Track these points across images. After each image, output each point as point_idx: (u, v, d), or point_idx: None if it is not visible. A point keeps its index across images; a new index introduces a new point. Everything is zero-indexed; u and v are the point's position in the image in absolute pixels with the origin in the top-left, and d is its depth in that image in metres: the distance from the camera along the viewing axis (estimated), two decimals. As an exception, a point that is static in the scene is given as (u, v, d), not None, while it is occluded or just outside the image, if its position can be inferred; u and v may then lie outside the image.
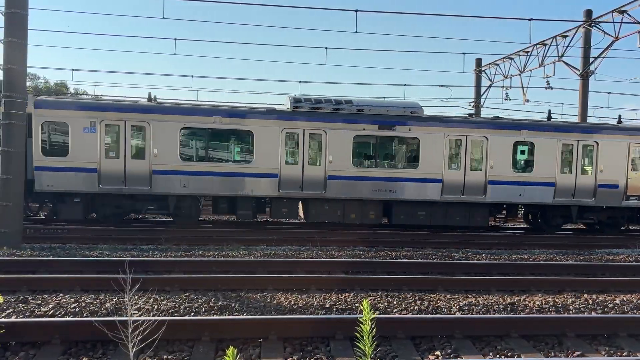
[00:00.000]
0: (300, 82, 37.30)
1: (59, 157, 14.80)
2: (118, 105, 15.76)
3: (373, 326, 2.49)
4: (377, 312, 6.75)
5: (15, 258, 9.55)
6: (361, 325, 2.49)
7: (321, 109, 16.02)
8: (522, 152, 17.09)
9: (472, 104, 30.63)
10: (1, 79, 11.89)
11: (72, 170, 14.82)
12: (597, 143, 16.91)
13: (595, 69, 22.33)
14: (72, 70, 51.70)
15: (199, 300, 6.98)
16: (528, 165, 16.98)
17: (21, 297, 7.00)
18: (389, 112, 16.30)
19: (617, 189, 16.99)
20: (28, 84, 17.70)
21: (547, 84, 24.32)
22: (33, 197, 15.18)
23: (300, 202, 16.64)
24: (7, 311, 6.38)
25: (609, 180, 16.99)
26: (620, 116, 18.87)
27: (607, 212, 17.56)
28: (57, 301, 6.85)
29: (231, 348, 2.44)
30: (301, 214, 17.08)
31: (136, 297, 6.88)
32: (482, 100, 30.48)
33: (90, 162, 14.85)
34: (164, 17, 30.10)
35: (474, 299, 7.60)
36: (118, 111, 15.15)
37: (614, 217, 17.67)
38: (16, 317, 6.15)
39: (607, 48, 21.66)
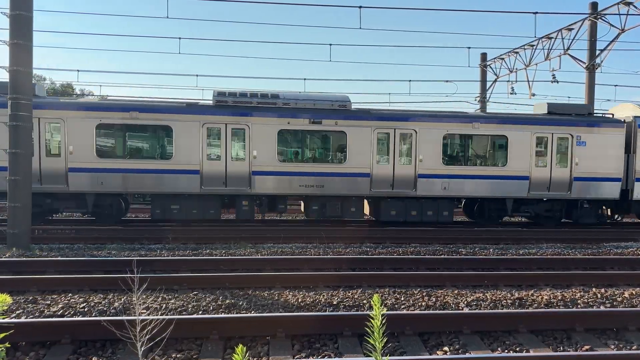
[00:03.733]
0: (305, 79, 37.38)
1: None
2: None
3: (383, 321, 2.49)
4: (385, 309, 6.74)
5: (25, 259, 9.62)
6: (371, 320, 2.49)
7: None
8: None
9: (478, 98, 30.52)
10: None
11: None
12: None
13: (602, 61, 22.20)
14: (78, 71, 52.11)
15: (207, 299, 7.00)
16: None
17: (30, 298, 7.05)
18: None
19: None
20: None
21: (553, 78, 24.18)
22: None
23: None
24: (17, 311, 6.42)
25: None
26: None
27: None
28: (66, 301, 6.89)
29: (240, 346, 2.44)
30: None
31: (144, 296, 6.91)
32: (487, 95, 30.37)
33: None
34: (167, 17, 30.28)
35: (481, 294, 7.59)
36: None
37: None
38: (26, 318, 6.19)
39: (613, 40, 21.53)
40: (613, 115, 18.31)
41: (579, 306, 7.21)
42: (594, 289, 8.07)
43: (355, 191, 16.12)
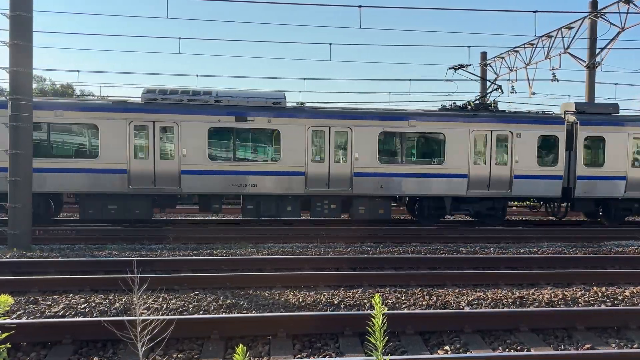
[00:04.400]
0: (305, 79, 37.37)
1: None
2: None
3: (384, 321, 2.49)
4: (386, 308, 6.74)
5: (25, 259, 9.62)
6: (372, 320, 2.49)
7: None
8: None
9: (478, 97, 30.48)
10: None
11: None
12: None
13: (602, 60, 22.21)
14: (78, 71, 52.14)
15: (208, 299, 7.00)
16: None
17: (32, 298, 7.05)
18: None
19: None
20: (34, 86, 17.85)
21: (553, 76, 24.16)
22: None
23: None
24: (18, 312, 6.42)
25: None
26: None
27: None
28: (67, 301, 6.90)
29: (240, 346, 2.43)
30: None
31: (145, 297, 6.92)
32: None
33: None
34: (167, 17, 30.30)
35: (482, 293, 7.58)
36: None
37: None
38: (27, 318, 6.20)
39: (613, 39, 21.53)
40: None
41: (579, 305, 7.21)
42: (594, 288, 8.07)
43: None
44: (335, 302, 6.98)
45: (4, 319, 5.13)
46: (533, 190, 16.78)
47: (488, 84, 21.99)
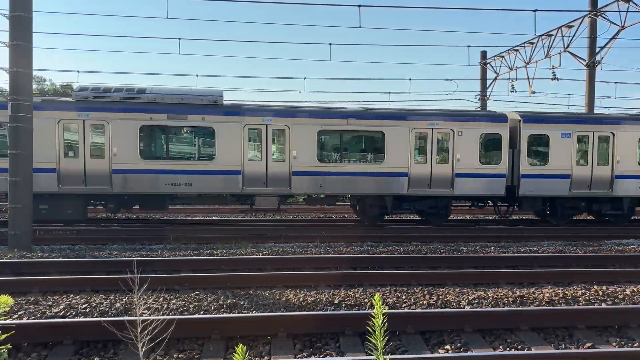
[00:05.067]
0: (304, 78, 37.32)
1: None
2: None
3: (385, 320, 2.49)
4: (386, 307, 6.73)
5: (26, 260, 9.62)
6: (373, 319, 2.49)
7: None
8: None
9: (478, 96, 30.52)
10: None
11: None
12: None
13: (602, 58, 22.19)
14: (78, 72, 52.08)
15: (208, 299, 7.00)
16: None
17: (32, 299, 7.05)
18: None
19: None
20: (34, 86, 17.85)
21: (553, 75, 24.17)
22: None
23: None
24: (19, 312, 6.42)
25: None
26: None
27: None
28: (67, 302, 6.89)
29: (240, 346, 2.43)
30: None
31: (145, 297, 6.91)
32: (487, 93, 30.37)
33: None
34: (167, 17, 30.30)
35: (483, 292, 7.58)
36: None
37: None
38: (28, 319, 6.20)
39: (613, 37, 21.53)
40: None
41: (580, 304, 7.21)
42: (595, 287, 8.06)
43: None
44: (336, 302, 6.98)
45: (5, 320, 5.14)
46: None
47: None
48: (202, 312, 6.52)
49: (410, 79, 35.88)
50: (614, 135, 16.89)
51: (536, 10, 20.88)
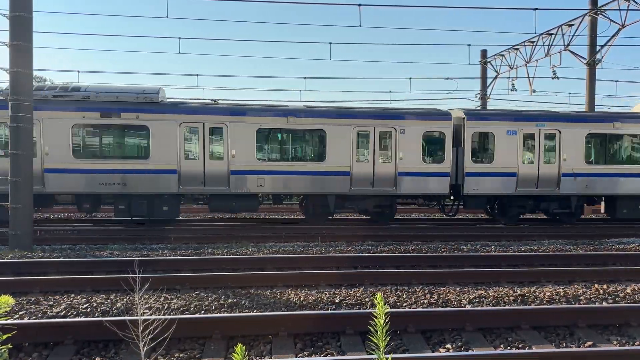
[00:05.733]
0: (305, 77, 37.32)
1: None
2: None
3: (387, 319, 2.49)
4: (387, 306, 6.73)
5: (27, 260, 9.63)
6: (375, 319, 2.49)
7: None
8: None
9: (479, 95, 30.52)
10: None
11: None
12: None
13: (602, 57, 22.17)
14: (78, 72, 52.07)
15: (209, 298, 7.00)
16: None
17: (33, 299, 7.06)
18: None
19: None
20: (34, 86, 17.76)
21: (554, 74, 24.16)
22: None
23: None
24: (20, 312, 6.43)
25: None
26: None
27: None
28: (68, 302, 6.90)
29: (239, 345, 2.43)
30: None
31: (146, 296, 6.91)
32: (488, 92, 30.37)
33: None
34: (167, 17, 30.29)
35: (483, 291, 7.58)
36: None
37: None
38: (29, 319, 6.20)
39: (613, 36, 21.52)
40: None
41: (581, 302, 7.21)
42: (596, 285, 8.06)
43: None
44: (337, 301, 6.98)
45: (5, 320, 5.14)
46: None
47: None
48: (203, 312, 6.53)
49: (410, 78, 35.78)
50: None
51: (536, 8, 20.83)
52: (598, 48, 22.03)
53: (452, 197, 17.48)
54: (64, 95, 15.03)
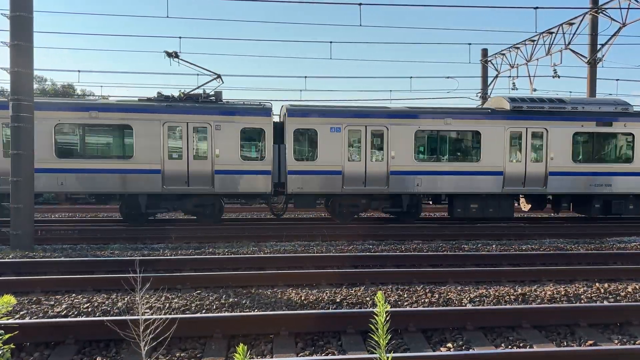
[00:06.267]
0: (305, 77, 37.27)
1: None
2: None
3: (388, 318, 2.49)
4: (388, 306, 6.73)
5: (28, 260, 9.63)
6: (375, 317, 2.50)
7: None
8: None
9: (479, 94, 30.50)
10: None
11: None
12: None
13: (603, 56, 22.18)
14: (79, 71, 52.20)
15: (210, 298, 7.01)
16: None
17: (34, 298, 7.07)
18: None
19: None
20: (35, 86, 17.79)
21: (555, 73, 24.17)
22: None
23: None
24: (21, 312, 6.44)
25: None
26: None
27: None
28: (69, 301, 6.91)
29: (241, 345, 2.43)
30: None
31: (147, 296, 6.92)
32: (488, 91, 30.35)
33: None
34: (167, 16, 30.30)
35: (484, 290, 7.58)
36: None
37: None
38: (30, 318, 6.21)
39: (614, 34, 21.50)
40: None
41: (582, 301, 7.21)
42: (597, 284, 8.06)
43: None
44: (338, 300, 6.98)
45: (7, 320, 5.14)
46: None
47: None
48: (204, 311, 6.53)
49: (411, 77, 35.81)
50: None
51: (537, 7, 20.84)
52: (599, 47, 22.02)
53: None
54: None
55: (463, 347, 5.54)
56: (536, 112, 16.86)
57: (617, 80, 35.42)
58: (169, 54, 16.62)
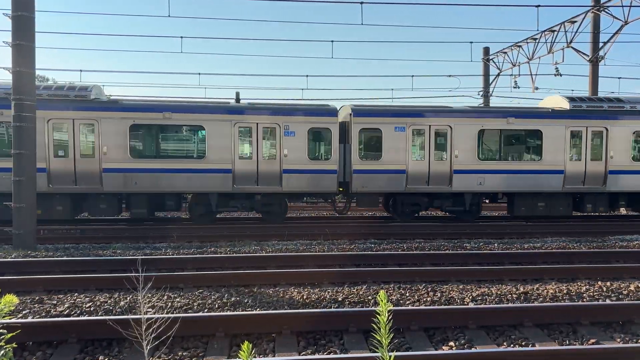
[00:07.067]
0: (307, 76, 37.24)
1: None
2: None
3: (390, 317, 2.49)
4: (390, 304, 6.73)
5: (30, 259, 9.65)
6: (378, 316, 2.50)
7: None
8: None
9: (481, 93, 30.47)
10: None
11: None
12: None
13: (605, 54, 22.13)
14: (80, 71, 52.26)
15: (212, 297, 7.02)
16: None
17: (37, 298, 7.08)
18: None
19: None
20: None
21: (557, 71, 24.13)
22: None
23: None
24: (24, 312, 6.45)
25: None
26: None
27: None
28: (72, 301, 6.92)
29: (246, 343, 2.44)
30: None
31: (150, 295, 6.93)
32: (490, 89, 30.32)
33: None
34: (169, 16, 30.30)
35: (486, 289, 7.58)
36: None
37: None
38: (32, 318, 6.22)
39: (616, 32, 21.46)
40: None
41: (584, 300, 7.20)
42: (599, 282, 8.05)
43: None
44: (340, 299, 6.99)
45: (10, 319, 5.15)
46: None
47: None
48: (206, 310, 6.54)
49: (412, 76, 35.68)
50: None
51: (539, 5, 20.80)
52: (601, 45, 21.98)
53: None
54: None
55: (465, 346, 5.53)
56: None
57: (619, 78, 35.40)
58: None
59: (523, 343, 5.63)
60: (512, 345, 5.60)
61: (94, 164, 15.15)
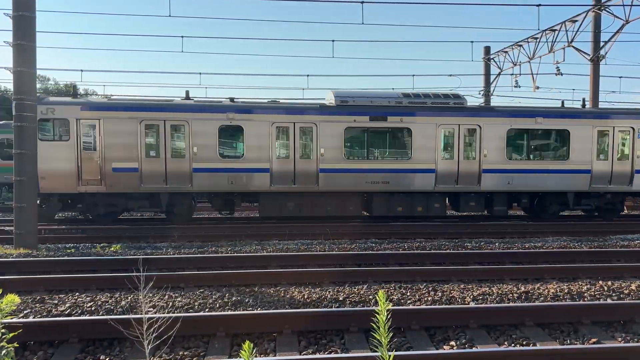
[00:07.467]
0: (308, 75, 37.21)
1: None
2: None
3: (389, 317, 2.50)
4: (391, 304, 6.74)
5: (31, 259, 9.66)
6: (377, 316, 2.50)
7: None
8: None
9: (482, 92, 30.44)
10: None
11: None
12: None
13: (606, 53, 22.11)
14: (81, 71, 52.32)
15: (213, 296, 7.02)
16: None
17: (38, 297, 7.09)
18: None
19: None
20: (38, 86, 17.80)
21: (557, 70, 24.10)
22: None
23: None
24: (25, 311, 6.46)
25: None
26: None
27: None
28: (73, 300, 6.93)
29: (247, 342, 2.44)
30: None
31: (151, 295, 6.93)
32: (491, 89, 30.30)
33: None
34: (170, 15, 30.30)
35: (487, 288, 7.58)
36: None
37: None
38: (34, 317, 6.23)
39: (617, 32, 21.44)
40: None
41: (585, 299, 7.20)
42: (600, 282, 8.05)
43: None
44: (341, 299, 6.99)
45: (11, 318, 5.16)
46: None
47: None
48: (207, 310, 6.54)
49: (413, 75, 35.75)
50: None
51: (540, 5, 20.79)
52: (602, 44, 21.96)
53: None
54: None
55: (466, 346, 5.53)
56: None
57: (620, 77, 35.36)
58: None
59: (524, 342, 5.63)
60: (513, 344, 5.60)
61: None
